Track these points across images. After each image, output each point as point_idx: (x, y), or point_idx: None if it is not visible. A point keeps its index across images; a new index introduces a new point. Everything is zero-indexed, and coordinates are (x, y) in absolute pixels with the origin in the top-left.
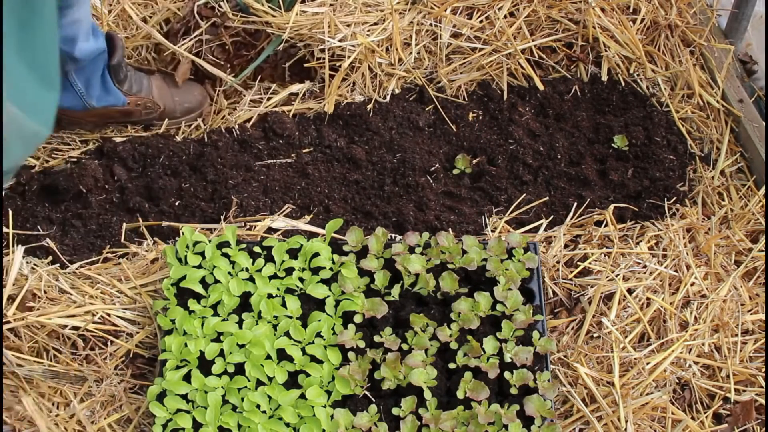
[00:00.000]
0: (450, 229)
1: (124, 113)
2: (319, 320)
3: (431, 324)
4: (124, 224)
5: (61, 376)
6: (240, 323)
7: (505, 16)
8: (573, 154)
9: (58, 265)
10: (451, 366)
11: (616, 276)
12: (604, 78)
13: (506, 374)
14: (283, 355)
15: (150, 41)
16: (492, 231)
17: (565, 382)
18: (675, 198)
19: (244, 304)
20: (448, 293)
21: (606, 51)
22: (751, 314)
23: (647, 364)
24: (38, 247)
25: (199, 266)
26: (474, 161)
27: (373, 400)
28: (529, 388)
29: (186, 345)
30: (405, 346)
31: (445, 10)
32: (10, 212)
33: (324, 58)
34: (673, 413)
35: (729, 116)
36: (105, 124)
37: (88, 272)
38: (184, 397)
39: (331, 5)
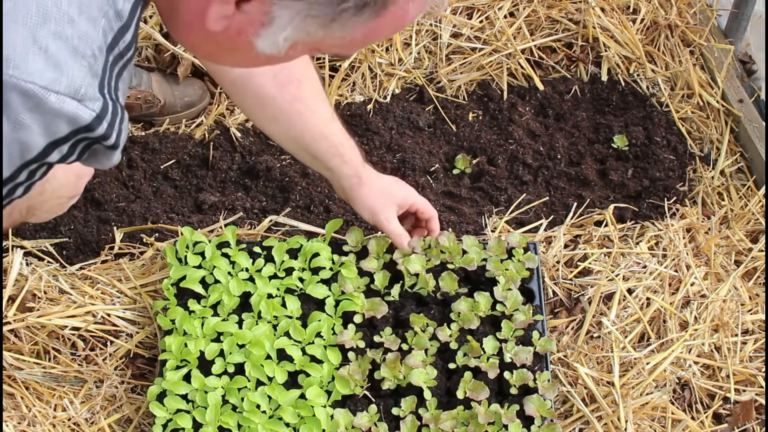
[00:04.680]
0: (450, 229)
1: (125, 107)
2: (319, 320)
3: (431, 324)
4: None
5: (61, 379)
6: (240, 323)
7: (505, 16)
8: (573, 154)
9: (58, 265)
10: (451, 366)
11: (616, 276)
12: (604, 78)
13: (506, 374)
14: (283, 355)
15: (150, 41)
16: (492, 231)
17: (565, 382)
18: (675, 198)
19: (244, 304)
20: (447, 293)
21: (606, 51)
22: (751, 314)
23: (647, 364)
24: (37, 247)
25: (199, 266)
26: (474, 161)
27: (373, 400)
28: (529, 388)
29: (186, 345)
30: (405, 346)
31: (445, 10)
32: None
33: (324, 58)
34: (673, 413)
35: (729, 116)
36: None
37: (88, 272)
38: (184, 397)
39: None
